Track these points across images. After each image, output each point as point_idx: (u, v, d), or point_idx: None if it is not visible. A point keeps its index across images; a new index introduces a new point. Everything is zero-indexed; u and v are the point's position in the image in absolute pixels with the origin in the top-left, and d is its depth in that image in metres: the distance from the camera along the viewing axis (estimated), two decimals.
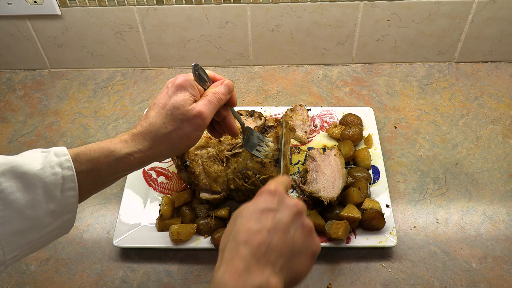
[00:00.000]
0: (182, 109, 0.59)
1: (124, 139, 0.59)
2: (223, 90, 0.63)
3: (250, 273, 0.49)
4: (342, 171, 0.85)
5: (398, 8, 1.07)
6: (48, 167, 0.54)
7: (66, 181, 0.54)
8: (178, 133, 0.59)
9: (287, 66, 1.21)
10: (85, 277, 0.80)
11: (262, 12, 1.08)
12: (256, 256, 0.50)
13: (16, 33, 1.12)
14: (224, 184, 0.83)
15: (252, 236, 0.52)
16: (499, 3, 1.05)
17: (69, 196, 0.55)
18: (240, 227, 0.53)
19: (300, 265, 0.54)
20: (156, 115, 0.59)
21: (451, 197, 0.90)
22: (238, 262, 0.50)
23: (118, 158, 0.58)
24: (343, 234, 0.77)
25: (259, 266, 0.50)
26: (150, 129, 0.59)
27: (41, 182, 0.53)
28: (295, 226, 0.55)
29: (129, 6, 1.07)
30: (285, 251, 0.53)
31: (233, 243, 0.52)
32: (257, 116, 0.89)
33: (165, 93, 0.60)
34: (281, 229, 0.53)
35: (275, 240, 0.52)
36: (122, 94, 1.14)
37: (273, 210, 0.55)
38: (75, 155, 0.56)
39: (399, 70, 1.18)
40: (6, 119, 1.09)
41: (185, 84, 0.60)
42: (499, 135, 1.01)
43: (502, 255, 0.81)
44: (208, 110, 0.60)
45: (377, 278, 0.78)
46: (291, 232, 0.54)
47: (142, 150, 0.59)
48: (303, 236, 0.55)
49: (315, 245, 0.57)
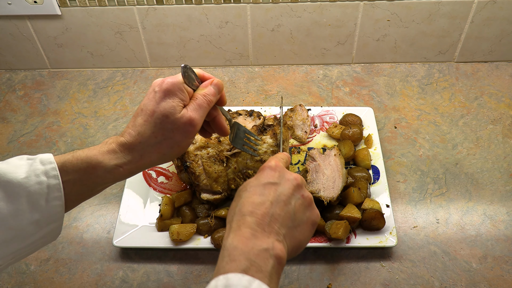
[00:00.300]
0: (171, 117, 0.56)
1: (113, 149, 0.56)
2: (213, 90, 0.61)
3: (256, 238, 0.51)
4: (342, 171, 0.85)
5: (398, 8, 1.07)
6: (33, 176, 0.52)
7: (51, 190, 0.52)
8: (168, 142, 0.57)
9: (287, 66, 1.21)
10: (85, 277, 0.80)
11: (262, 12, 1.08)
12: (261, 225, 0.53)
13: (16, 33, 1.12)
14: (224, 184, 0.83)
15: (257, 207, 0.54)
16: (499, 3, 1.05)
17: (54, 206, 0.53)
18: (245, 200, 0.55)
19: (301, 234, 0.57)
20: (145, 124, 0.56)
21: (451, 197, 0.90)
22: (245, 229, 0.52)
23: (107, 170, 0.55)
24: (343, 234, 0.77)
25: (265, 233, 0.52)
26: (139, 139, 0.56)
27: (25, 191, 0.51)
28: (295, 198, 0.58)
29: (129, 6, 1.07)
30: (287, 221, 0.55)
31: (239, 215, 0.54)
32: (256, 116, 0.89)
33: (152, 98, 0.57)
34: (282, 200, 0.56)
35: (277, 211, 0.55)
36: (122, 94, 1.14)
37: (275, 184, 0.57)
38: (62, 163, 0.54)
39: (399, 70, 1.18)
40: (6, 119, 1.09)
41: (173, 89, 0.57)
42: (499, 135, 1.01)
43: (502, 255, 0.81)
44: (199, 116, 0.58)
45: (377, 278, 0.78)
46: (292, 204, 0.57)
47: (132, 161, 0.57)
48: (303, 207, 0.58)
49: (315, 215, 0.60)
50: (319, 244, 0.79)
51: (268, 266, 0.50)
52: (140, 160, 0.57)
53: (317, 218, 0.60)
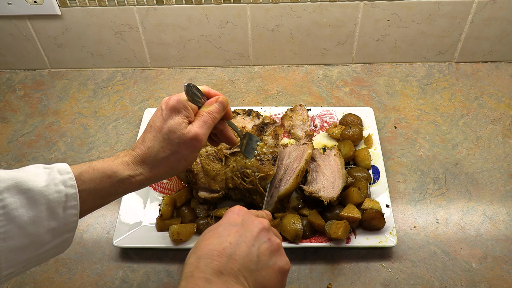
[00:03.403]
0: (178, 132, 0.60)
1: (126, 162, 0.60)
2: (218, 108, 0.64)
3: (211, 284, 0.48)
4: (342, 171, 0.85)
5: (398, 8, 1.07)
6: (52, 184, 0.53)
7: (68, 199, 0.54)
8: (176, 156, 0.60)
9: (287, 66, 1.21)
10: (85, 277, 0.80)
11: (262, 12, 1.08)
12: (217, 268, 0.50)
13: (16, 33, 1.12)
14: (222, 182, 0.83)
15: (213, 248, 0.52)
16: (499, 3, 1.05)
17: (70, 215, 0.55)
18: (201, 243, 0.53)
19: (267, 280, 0.54)
20: (154, 139, 0.60)
21: (451, 197, 0.90)
22: (199, 274, 0.49)
23: (121, 180, 0.59)
24: (343, 234, 0.77)
25: (221, 277, 0.49)
26: (149, 153, 0.60)
27: (45, 199, 0.52)
28: (260, 241, 0.55)
29: (129, 6, 1.07)
30: (248, 263, 0.52)
31: (194, 258, 0.52)
32: (255, 115, 0.89)
33: (160, 115, 0.61)
34: (244, 242, 0.54)
35: (237, 252, 0.52)
36: (122, 94, 1.14)
37: (237, 225, 0.56)
38: (78, 174, 0.56)
39: (399, 70, 1.18)
40: (6, 119, 1.09)
41: (179, 106, 0.61)
42: (499, 135, 1.01)
43: (502, 255, 0.81)
44: (204, 131, 0.61)
45: (377, 278, 0.78)
46: (256, 246, 0.54)
47: (143, 173, 0.60)
48: (269, 252, 0.55)
49: (283, 261, 0.56)
50: (319, 244, 0.79)
51: None
52: (150, 172, 0.61)
53: (285, 265, 0.56)
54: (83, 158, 0.99)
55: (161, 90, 1.15)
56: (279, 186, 0.83)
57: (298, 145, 0.89)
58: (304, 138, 0.91)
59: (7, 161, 0.99)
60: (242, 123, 0.89)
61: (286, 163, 0.86)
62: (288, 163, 0.86)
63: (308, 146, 0.86)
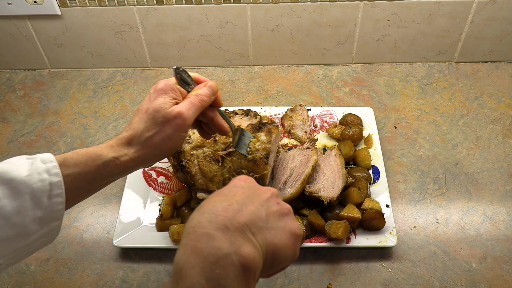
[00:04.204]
0: (162, 111, 0.60)
1: (110, 144, 0.60)
2: (207, 91, 0.64)
3: (214, 240, 0.43)
4: (342, 171, 0.85)
5: (398, 8, 1.07)
6: (35, 174, 0.53)
7: (53, 187, 0.54)
8: (160, 135, 0.60)
9: (287, 66, 1.21)
10: (85, 277, 0.80)
11: (262, 12, 1.08)
12: (222, 222, 0.45)
13: (16, 33, 1.12)
14: (220, 183, 0.83)
15: (218, 203, 0.48)
16: (499, 3, 1.05)
17: (56, 203, 0.54)
18: (205, 202, 0.49)
19: (278, 239, 0.48)
20: (139, 120, 0.61)
21: (451, 197, 0.90)
22: (200, 230, 0.44)
23: (105, 162, 0.58)
24: (343, 234, 0.77)
25: (226, 232, 0.44)
26: (134, 134, 0.60)
27: (28, 188, 0.52)
28: (269, 203, 0.51)
29: (129, 6, 1.07)
30: (257, 220, 0.48)
31: (197, 214, 0.47)
32: (253, 115, 0.89)
33: (147, 99, 0.62)
34: (251, 201, 0.49)
35: (244, 209, 0.47)
36: (122, 94, 1.14)
37: (243, 188, 0.52)
38: (62, 160, 0.56)
39: (399, 70, 1.18)
40: (6, 119, 1.09)
41: (166, 88, 0.61)
42: (499, 135, 1.01)
43: (502, 255, 0.81)
44: (189, 111, 0.61)
45: (377, 278, 0.78)
46: (264, 207, 0.50)
47: (128, 154, 0.59)
48: (279, 214, 0.51)
49: (295, 226, 0.51)
50: (319, 244, 0.80)
51: (228, 278, 0.42)
52: (135, 153, 0.60)
53: (297, 230, 0.51)
54: None
55: None
56: (284, 189, 0.83)
57: (302, 149, 0.89)
58: (307, 143, 0.91)
59: None
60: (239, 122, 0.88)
61: (291, 167, 0.86)
62: (293, 167, 0.86)
63: (313, 152, 0.86)
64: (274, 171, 0.88)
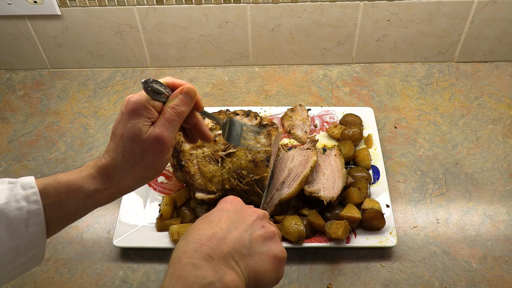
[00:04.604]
0: (138, 139, 0.53)
1: (92, 174, 0.54)
2: (184, 100, 0.55)
3: (198, 269, 0.45)
4: (342, 171, 0.85)
5: (398, 8, 1.07)
6: (13, 201, 0.50)
7: (31, 216, 0.51)
8: (141, 165, 0.54)
9: (287, 66, 1.21)
10: (85, 277, 0.80)
11: (262, 12, 1.08)
12: (206, 251, 0.46)
13: (16, 33, 1.12)
14: (219, 184, 0.83)
15: (203, 232, 0.49)
16: (499, 3, 1.05)
17: (34, 232, 0.51)
18: (191, 229, 0.50)
19: (261, 266, 0.50)
20: (116, 149, 0.54)
21: (451, 197, 0.90)
22: (185, 260, 0.46)
23: (87, 194, 0.54)
24: (343, 234, 0.77)
25: (210, 261, 0.46)
26: (113, 165, 0.54)
27: (4, 218, 0.50)
28: (253, 228, 0.52)
29: (129, 6, 1.07)
30: (240, 248, 0.49)
31: (182, 243, 0.48)
32: (253, 116, 0.89)
33: (120, 120, 0.54)
34: (235, 228, 0.50)
35: (228, 237, 0.49)
36: (122, 94, 1.14)
37: (229, 212, 0.52)
38: (43, 187, 0.52)
39: (399, 70, 1.18)
40: (6, 119, 1.09)
41: (137, 108, 0.53)
42: (499, 135, 1.01)
43: (502, 255, 0.81)
44: (168, 131, 0.54)
45: (377, 278, 0.78)
46: (248, 232, 0.51)
47: (111, 186, 0.55)
48: (263, 238, 0.52)
49: (278, 249, 0.52)
50: (319, 244, 0.79)
51: None
52: (118, 185, 0.55)
53: (281, 253, 0.52)
54: (83, 158, 0.99)
55: None
56: (281, 189, 0.83)
57: (302, 149, 0.89)
58: (308, 143, 0.91)
59: (7, 161, 0.99)
60: None
61: (290, 167, 0.86)
62: (292, 167, 0.86)
63: (313, 153, 0.86)
64: (273, 170, 0.88)
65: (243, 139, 0.68)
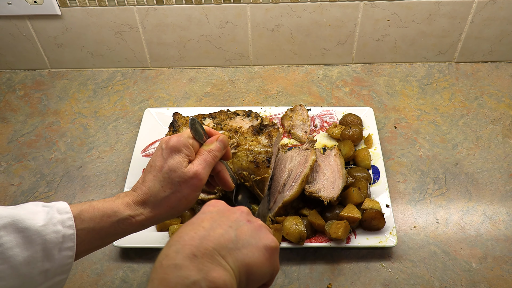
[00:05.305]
0: (178, 171, 0.58)
1: (127, 202, 0.58)
2: (219, 146, 0.63)
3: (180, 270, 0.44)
4: (342, 171, 0.85)
5: (398, 8, 1.07)
6: (50, 224, 0.52)
7: (65, 240, 0.53)
8: (177, 195, 0.59)
9: (287, 66, 1.21)
10: (85, 277, 0.80)
11: (262, 12, 1.08)
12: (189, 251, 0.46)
13: (16, 33, 1.12)
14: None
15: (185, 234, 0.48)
16: (499, 3, 1.05)
17: (66, 256, 0.53)
18: (173, 235, 0.51)
19: (251, 258, 0.49)
20: (154, 179, 0.59)
21: (451, 197, 0.90)
22: (167, 262, 0.46)
23: (120, 220, 0.57)
24: (343, 234, 0.77)
25: (194, 260, 0.45)
26: (149, 193, 0.59)
27: (41, 239, 0.51)
28: (238, 223, 0.52)
29: (129, 6, 1.07)
30: (226, 243, 0.48)
31: (165, 247, 0.49)
32: (254, 116, 0.89)
33: (160, 155, 0.60)
34: (219, 225, 0.50)
35: (211, 234, 0.48)
36: (122, 94, 1.14)
37: (211, 213, 0.53)
38: (78, 212, 0.55)
39: (399, 70, 1.18)
40: (6, 119, 1.09)
41: (179, 145, 0.60)
42: (499, 135, 1.01)
43: (502, 255, 0.81)
44: (204, 170, 0.60)
45: (377, 278, 0.78)
46: (233, 227, 0.50)
47: (144, 213, 0.59)
48: (250, 231, 0.51)
49: (268, 239, 0.51)
50: (319, 244, 0.79)
51: None
52: (151, 212, 0.59)
53: (272, 243, 0.51)
54: (83, 158, 0.99)
55: (161, 90, 1.15)
56: (283, 192, 0.83)
57: (301, 149, 0.89)
58: (306, 143, 0.91)
59: (7, 161, 0.99)
60: (240, 123, 0.88)
61: (290, 167, 0.86)
62: (291, 167, 0.86)
63: (311, 152, 0.86)
64: (273, 172, 0.88)
65: (249, 207, 0.78)
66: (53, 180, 0.96)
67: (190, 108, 1.04)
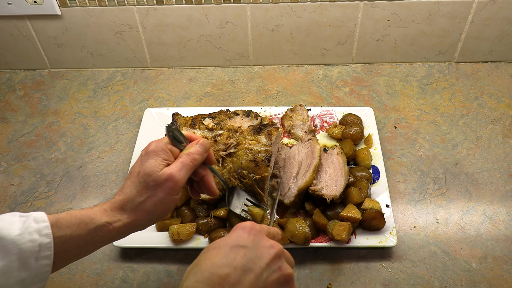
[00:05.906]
0: (153, 175, 0.58)
1: (104, 208, 0.58)
2: (198, 149, 0.62)
3: None
4: (344, 169, 0.85)
5: (398, 8, 1.07)
6: (26, 233, 0.52)
7: (42, 249, 0.52)
8: (152, 200, 0.58)
9: (287, 66, 1.21)
10: (85, 277, 0.80)
11: (262, 12, 1.08)
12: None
13: (16, 33, 1.12)
14: (220, 184, 0.83)
15: (215, 270, 0.48)
16: (499, 3, 1.05)
17: (43, 265, 0.53)
18: (203, 261, 0.50)
19: None
20: (131, 185, 0.59)
21: (451, 197, 0.90)
22: None
23: (97, 226, 0.56)
24: (347, 236, 0.77)
25: None
26: (126, 199, 0.59)
27: (17, 249, 0.51)
28: (270, 270, 0.51)
29: (129, 6, 1.07)
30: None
31: (192, 279, 0.48)
32: (253, 116, 0.89)
33: (139, 161, 0.60)
34: (251, 269, 0.49)
35: (241, 279, 0.48)
36: (122, 94, 1.14)
37: (245, 247, 0.51)
38: (55, 220, 0.55)
39: (399, 70, 1.18)
40: (6, 119, 1.09)
41: (156, 150, 0.60)
42: (499, 135, 1.01)
43: (502, 255, 0.81)
44: (180, 172, 0.59)
45: (377, 278, 0.78)
46: (264, 276, 0.50)
47: (121, 219, 0.58)
48: (277, 284, 0.51)
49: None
50: (319, 244, 0.79)
51: None
52: (128, 218, 0.58)
53: None
54: (83, 158, 0.99)
55: (161, 90, 1.15)
56: (297, 181, 0.85)
57: (304, 141, 0.91)
58: (308, 134, 0.93)
59: (7, 161, 0.99)
60: (240, 123, 0.88)
61: (299, 160, 0.89)
62: (300, 160, 0.88)
63: (314, 142, 0.89)
64: (284, 167, 0.90)
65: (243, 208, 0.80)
66: (53, 180, 0.96)
67: (190, 108, 1.04)
